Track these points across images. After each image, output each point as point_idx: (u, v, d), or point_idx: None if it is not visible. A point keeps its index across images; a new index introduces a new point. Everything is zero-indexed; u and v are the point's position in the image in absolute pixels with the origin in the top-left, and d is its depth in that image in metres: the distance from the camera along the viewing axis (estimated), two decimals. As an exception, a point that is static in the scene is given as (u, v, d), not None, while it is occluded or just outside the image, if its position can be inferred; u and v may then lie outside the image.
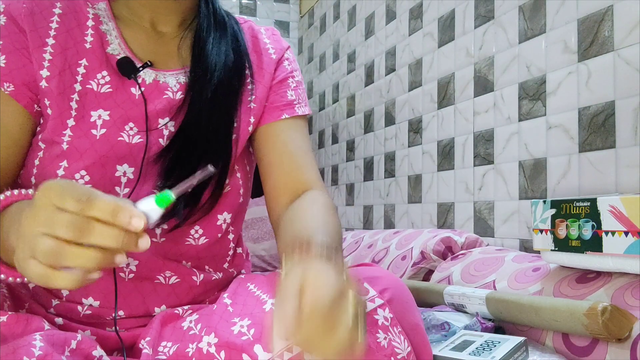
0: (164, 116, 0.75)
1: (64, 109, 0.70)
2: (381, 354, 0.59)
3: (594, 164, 1.00)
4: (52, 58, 0.71)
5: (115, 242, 0.45)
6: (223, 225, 0.80)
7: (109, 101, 0.72)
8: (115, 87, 0.73)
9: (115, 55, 0.74)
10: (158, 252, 0.74)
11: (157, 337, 0.68)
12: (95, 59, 0.73)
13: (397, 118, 1.72)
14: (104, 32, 0.75)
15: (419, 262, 1.24)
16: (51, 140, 0.70)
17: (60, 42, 0.72)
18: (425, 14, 1.58)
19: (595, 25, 1.01)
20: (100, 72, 0.73)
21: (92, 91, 0.72)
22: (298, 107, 0.86)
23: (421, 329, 0.66)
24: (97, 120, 0.71)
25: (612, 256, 0.75)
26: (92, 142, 0.70)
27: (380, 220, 1.81)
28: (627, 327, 0.71)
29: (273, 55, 0.87)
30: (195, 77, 0.77)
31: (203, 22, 0.80)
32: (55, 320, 0.70)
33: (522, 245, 1.17)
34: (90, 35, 0.74)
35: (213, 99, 0.76)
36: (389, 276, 0.68)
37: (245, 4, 2.71)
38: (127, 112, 0.73)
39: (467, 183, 1.36)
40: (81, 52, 0.73)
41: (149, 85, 0.75)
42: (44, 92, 0.71)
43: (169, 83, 0.77)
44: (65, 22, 0.74)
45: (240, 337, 0.61)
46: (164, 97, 0.75)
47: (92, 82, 0.72)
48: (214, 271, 0.81)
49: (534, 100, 1.15)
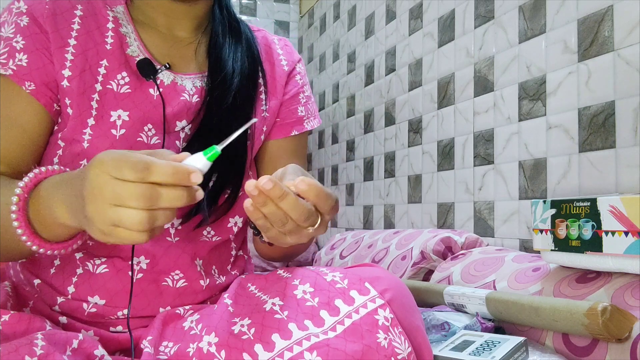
0: (181, 118, 0.77)
1: (84, 108, 0.72)
2: (381, 354, 0.59)
3: (594, 164, 1.00)
4: (74, 58, 0.73)
5: (182, 201, 0.49)
6: (234, 229, 0.81)
7: (127, 101, 0.74)
8: (134, 88, 0.74)
9: (134, 57, 0.76)
10: (171, 250, 0.75)
11: (159, 337, 0.69)
12: (115, 59, 0.75)
13: (397, 118, 1.72)
14: (124, 35, 0.77)
15: (419, 262, 1.24)
16: (71, 138, 0.72)
17: (81, 42, 0.74)
18: (425, 14, 1.58)
19: (595, 25, 1.01)
20: (119, 72, 0.74)
21: (112, 91, 0.73)
22: (307, 122, 0.91)
23: (422, 329, 0.67)
24: (116, 121, 0.72)
25: (612, 256, 0.75)
26: (111, 141, 0.72)
27: (380, 220, 1.81)
28: (627, 327, 0.71)
29: (285, 67, 0.89)
30: (213, 83, 0.78)
31: (218, 27, 0.83)
32: (59, 319, 0.70)
33: (522, 245, 1.17)
34: (110, 37, 0.76)
35: (232, 106, 0.78)
36: (389, 277, 0.68)
37: (245, 4, 2.71)
38: (146, 113, 0.74)
39: (467, 183, 1.36)
40: (101, 52, 0.74)
41: (167, 86, 0.77)
42: (66, 92, 0.72)
43: (186, 86, 0.78)
44: (86, 23, 0.75)
45: (240, 336, 0.61)
46: (181, 99, 0.77)
47: (112, 82, 0.74)
48: (219, 274, 0.81)
49: (534, 100, 1.15)
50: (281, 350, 0.59)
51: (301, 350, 0.58)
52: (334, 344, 0.59)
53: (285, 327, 0.61)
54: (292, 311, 0.63)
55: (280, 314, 0.63)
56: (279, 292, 0.66)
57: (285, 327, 0.61)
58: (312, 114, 0.92)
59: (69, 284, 0.72)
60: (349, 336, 0.60)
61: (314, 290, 0.65)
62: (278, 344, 0.59)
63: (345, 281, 0.66)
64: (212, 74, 0.79)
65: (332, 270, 0.69)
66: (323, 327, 0.61)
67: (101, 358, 0.62)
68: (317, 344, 0.59)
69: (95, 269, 0.72)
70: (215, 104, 0.77)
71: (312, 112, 0.92)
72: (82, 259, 0.72)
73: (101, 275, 0.72)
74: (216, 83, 0.78)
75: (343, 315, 0.62)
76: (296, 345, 0.59)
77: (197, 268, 0.77)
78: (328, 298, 0.64)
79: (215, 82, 0.78)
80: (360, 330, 0.61)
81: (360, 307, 0.63)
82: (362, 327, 0.61)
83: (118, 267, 0.72)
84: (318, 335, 0.60)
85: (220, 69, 0.79)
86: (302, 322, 0.61)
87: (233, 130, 0.77)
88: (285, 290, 0.66)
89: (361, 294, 0.64)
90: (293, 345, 0.59)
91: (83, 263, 0.72)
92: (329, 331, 0.61)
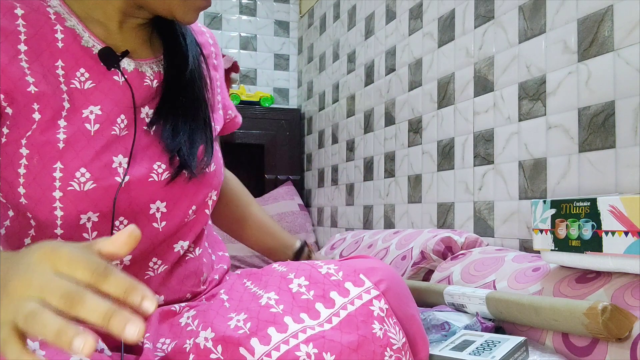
0: (144, 104, 0.76)
1: (56, 109, 0.68)
2: (377, 344, 0.60)
3: (594, 164, 1.00)
4: (30, 65, 0.68)
5: (102, 320, 0.39)
6: (209, 202, 0.82)
7: (95, 96, 0.71)
8: (97, 81, 0.72)
9: (90, 48, 0.72)
10: (155, 238, 0.75)
11: (155, 334, 0.69)
12: (70, 57, 0.71)
13: (397, 118, 1.72)
14: (71, 28, 0.72)
15: (419, 262, 1.24)
16: (43, 141, 0.67)
17: (32, 47, 0.69)
18: (425, 14, 1.58)
19: (595, 25, 1.01)
20: (77, 69, 0.71)
21: (77, 89, 0.70)
22: (239, 116, 1.01)
23: (416, 318, 0.67)
24: (89, 116, 0.70)
25: (612, 256, 0.75)
26: (87, 138, 0.69)
27: (380, 220, 1.81)
28: (627, 327, 0.71)
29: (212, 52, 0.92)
30: (171, 64, 0.78)
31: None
32: None
33: (522, 245, 1.17)
34: (59, 32, 0.71)
35: (189, 81, 0.79)
36: (384, 267, 0.69)
37: (245, 4, 2.71)
38: (117, 103, 0.72)
39: (467, 183, 1.36)
40: (55, 53, 0.70)
41: (130, 74, 0.75)
42: (35, 97, 0.68)
43: (146, 72, 0.77)
44: (32, 23, 0.70)
45: (236, 331, 0.61)
46: (145, 85, 0.76)
47: (74, 81, 0.71)
48: (195, 249, 0.82)
49: (534, 100, 1.15)
50: (277, 343, 0.59)
51: (297, 342, 0.59)
52: (330, 335, 0.60)
53: (281, 321, 0.61)
54: (287, 305, 0.64)
55: (276, 307, 0.63)
56: (275, 286, 0.67)
57: (281, 321, 0.61)
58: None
59: None
60: (344, 327, 0.61)
61: (309, 283, 0.66)
62: (274, 337, 0.59)
63: (340, 273, 0.67)
64: (169, 56, 0.79)
65: (326, 263, 0.70)
66: (319, 319, 0.62)
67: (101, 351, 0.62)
68: (313, 336, 0.60)
69: None
70: (173, 82, 0.77)
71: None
72: None
73: None
74: (173, 64, 0.78)
75: (338, 307, 0.63)
76: (292, 338, 0.60)
77: (175, 251, 0.78)
78: (323, 291, 0.65)
79: (173, 64, 0.78)
80: (356, 321, 0.62)
81: (355, 298, 0.64)
82: (358, 318, 0.62)
83: None
84: (314, 327, 0.61)
85: (176, 52, 0.79)
86: (298, 315, 0.62)
87: (192, 108, 0.80)
88: (280, 284, 0.67)
89: (356, 285, 0.65)
90: (289, 338, 0.59)
91: None
92: (324, 323, 0.61)
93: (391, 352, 0.61)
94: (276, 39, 2.76)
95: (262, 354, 0.58)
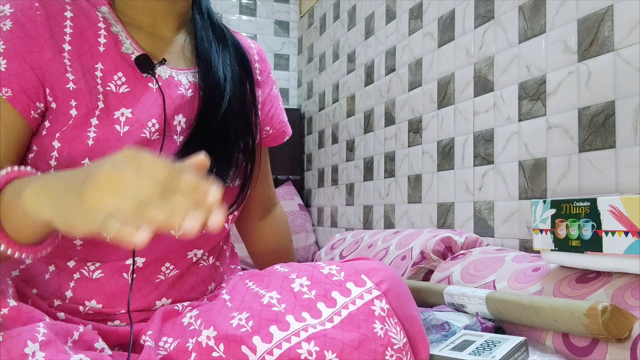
0: (178, 112, 0.78)
1: (91, 108, 0.72)
2: (378, 343, 0.61)
3: (594, 164, 1.00)
4: (71, 63, 0.72)
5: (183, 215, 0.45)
6: (229, 216, 0.85)
7: (128, 100, 0.74)
8: (132, 86, 0.75)
9: (129, 54, 0.76)
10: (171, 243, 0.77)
11: (158, 333, 0.69)
12: (109, 61, 0.75)
13: (397, 118, 1.72)
14: (115, 34, 0.77)
15: (419, 262, 1.24)
16: (74, 137, 0.70)
17: (75, 47, 0.73)
18: (425, 14, 1.58)
19: (595, 25, 1.01)
20: (115, 73, 0.75)
21: (112, 92, 0.74)
22: (287, 128, 1.01)
23: (417, 319, 0.68)
24: (120, 118, 0.72)
25: (612, 256, 0.75)
26: (116, 139, 0.72)
27: (380, 220, 1.81)
28: (627, 327, 0.71)
29: (258, 76, 0.94)
30: (206, 86, 0.80)
31: (201, 31, 0.85)
32: (58, 314, 0.71)
33: (522, 245, 1.17)
34: (103, 37, 0.76)
35: (228, 111, 0.80)
36: (385, 268, 0.70)
37: (245, 4, 2.71)
38: (149, 108, 0.75)
39: (467, 183, 1.36)
40: (96, 55, 0.74)
41: (165, 81, 0.78)
42: (73, 94, 0.71)
43: (181, 80, 0.80)
44: (78, 25, 0.75)
45: (238, 329, 0.62)
46: (179, 93, 0.78)
47: (110, 84, 0.74)
48: (209, 257, 0.83)
49: (534, 100, 1.15)
50: (279, 341, 0.59)
51: (299, 340, 0.59)
52: (331, 334, 0.60)
53: (283, 319, 0.62)
54: (289, 304, 0.64)
55: (278, 306, 0.64)
56: (277, 286, 0.68)
57: (282, 319, 0.62)
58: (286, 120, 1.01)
59: (67, 288, 0.72)
60: (345, 326, 0.61)
61: (310, 283, 0.67)
62: (276, 336, 0.60)
63: (342, 274, 0.68)
64: (204, 77, 0.80)
65: (328, 264, 0.71)
66: (320, 318, 0.62)
67: (101, 351, 0.63)
68: (315, 335, 0.60)
69: (91, 274, 0.72)
70: (213, 110, 0.79)
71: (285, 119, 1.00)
72: (76, 266, 0.73)
73: (97, 280, 0.73)
74: (210, 88, 0.80)
75: (340, 307, 0.64)
76: (294, 336, 0.60)
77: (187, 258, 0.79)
78: (325, 290, 0.65)
79: (209, 87, 0.80)
80: (357, 320, 0.62)
81: (356, 298, 0.65)
82: (359, 317, 0.62)
83: (113, 270, 0.73)
84: (315, 326, 0.61)
85: (211, 75, 0.81)
86: (300, 314, 0.63)
87: (230, 133, 0.80)
88: (282, 284, 0.68)
89: (357, 285, 0.66)
90: (291, 336, 0.60)
91: (78, 269, 0.73)
92: (326, 322, 0.62)
93: (392, 352, 0.61)
94: (276, 39, 2.76)
95: (264, 351, 0.58)
